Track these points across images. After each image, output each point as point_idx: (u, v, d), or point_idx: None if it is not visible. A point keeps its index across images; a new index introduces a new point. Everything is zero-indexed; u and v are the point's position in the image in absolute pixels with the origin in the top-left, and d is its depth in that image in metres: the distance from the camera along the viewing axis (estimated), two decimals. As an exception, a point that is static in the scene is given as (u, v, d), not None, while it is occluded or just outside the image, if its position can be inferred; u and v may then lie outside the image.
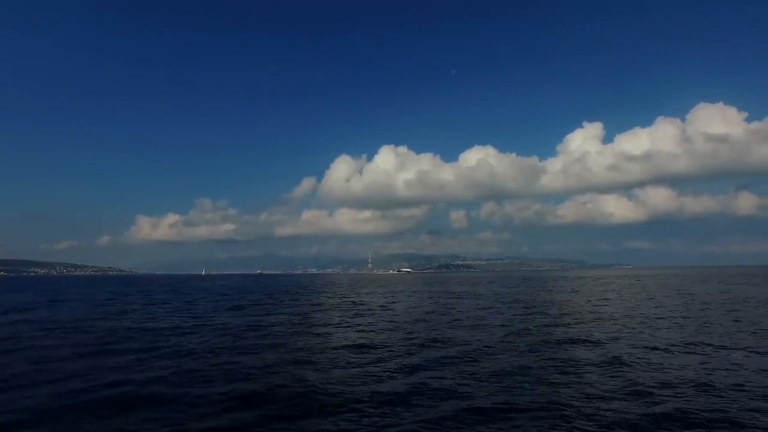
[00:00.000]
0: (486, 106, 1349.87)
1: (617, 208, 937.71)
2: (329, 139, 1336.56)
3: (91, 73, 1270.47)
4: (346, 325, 26.11)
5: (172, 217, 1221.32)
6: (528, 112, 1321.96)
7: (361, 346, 18.72)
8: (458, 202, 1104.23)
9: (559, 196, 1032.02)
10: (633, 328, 22.60)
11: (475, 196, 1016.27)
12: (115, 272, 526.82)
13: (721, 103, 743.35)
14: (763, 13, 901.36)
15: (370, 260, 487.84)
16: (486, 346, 18.18)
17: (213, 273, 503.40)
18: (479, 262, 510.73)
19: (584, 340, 19.24)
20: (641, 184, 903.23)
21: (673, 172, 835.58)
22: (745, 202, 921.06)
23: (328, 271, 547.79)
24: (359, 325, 26.03)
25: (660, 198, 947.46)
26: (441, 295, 52.58)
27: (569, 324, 24.54)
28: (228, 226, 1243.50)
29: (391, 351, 17.59)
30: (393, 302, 43.23)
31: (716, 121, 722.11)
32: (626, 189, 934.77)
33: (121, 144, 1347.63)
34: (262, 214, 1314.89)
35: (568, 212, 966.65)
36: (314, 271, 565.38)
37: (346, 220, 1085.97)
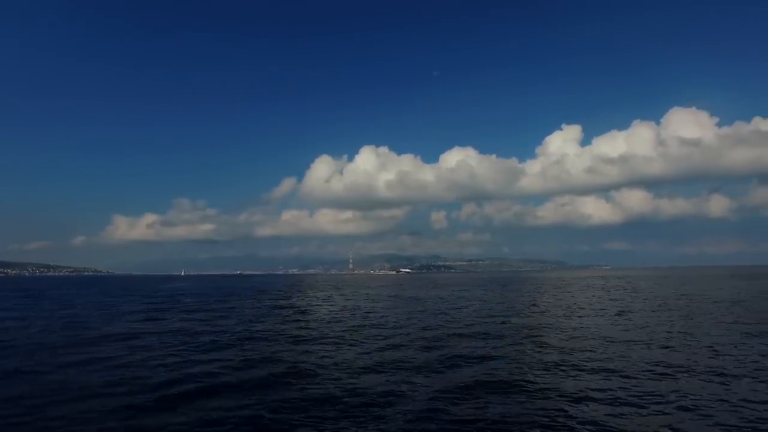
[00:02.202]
0: (467, 108, 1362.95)
1: (595, 210, 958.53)
2: (310, 139, 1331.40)
3: (65, 74, 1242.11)
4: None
5: (150, 217, 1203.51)
6: (508, 114, 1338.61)
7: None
8: (439, 202, 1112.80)
9: (538, 198, 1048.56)
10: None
11: (455, 197, 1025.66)
12: (91, 273, 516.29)
13: (694, 108, 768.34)
14: (735, 20, 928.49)
15: (351, 261, 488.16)
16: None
17: (192, 273, 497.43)
18: (460, 263, 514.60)
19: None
20: (618, 186, 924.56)
21: (648, 175, 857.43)
22: (717, 205, 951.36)
23: (310, 271, 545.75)
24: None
25: (636, 200, 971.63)
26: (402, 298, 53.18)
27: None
28: (207, 226, 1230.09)
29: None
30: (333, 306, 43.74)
31: (689, 126, 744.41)
32: (604, 191, 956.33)
33: (98, 144, 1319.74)
34: (242, 214, 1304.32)
35: (547, 213, 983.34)
36: (295, 271, 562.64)
37: (327, 221, 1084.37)
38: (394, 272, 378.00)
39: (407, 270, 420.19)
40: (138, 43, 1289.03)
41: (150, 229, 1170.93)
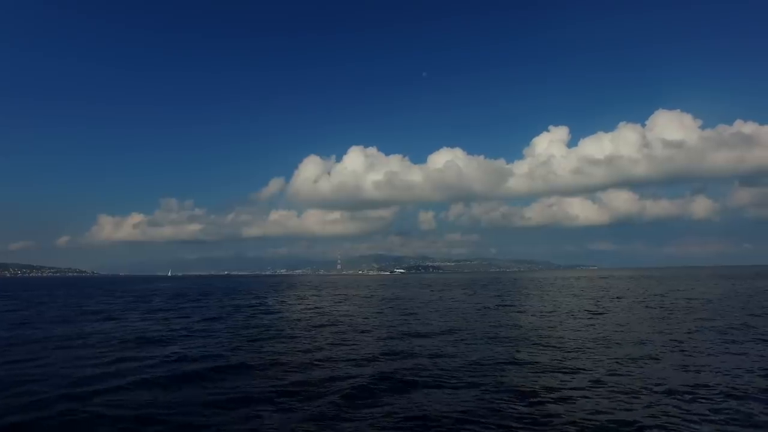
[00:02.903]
0: (455, 109, 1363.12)
1: (582, 211, 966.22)
2: (298, 139, 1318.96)
3: (49, 72, 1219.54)
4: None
5: (137, 217, 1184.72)
6: (496, 115, 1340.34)
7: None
8: (427, 203, 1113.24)
9: (525, 199, 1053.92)
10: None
11: (443, 197, 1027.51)
12: (75, 273, 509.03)
13: (678, 110, 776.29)
14: (719, 24, 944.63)
15: (339, 261, 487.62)
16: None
17: (179, 274, 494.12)
18: (448, 264, 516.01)
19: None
20: (604, 187, 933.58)
21: (634, 176, 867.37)
22: (701, 206, 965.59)
23: (298, 272, 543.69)
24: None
25: (622, 201, 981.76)
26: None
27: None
28: (195, 227, 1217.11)
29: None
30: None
31: (674, 128, 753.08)
32: (590, 192, 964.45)
33: (84, 143, 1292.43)
34: (230, 214, 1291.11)
35: (534, 214, 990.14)
36: (283, 272, 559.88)
37: (315, 221, 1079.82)
38: (387, 273, 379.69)
39: (401, 270, 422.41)
40: (125, 42, 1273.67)
41: (136, 229, 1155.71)
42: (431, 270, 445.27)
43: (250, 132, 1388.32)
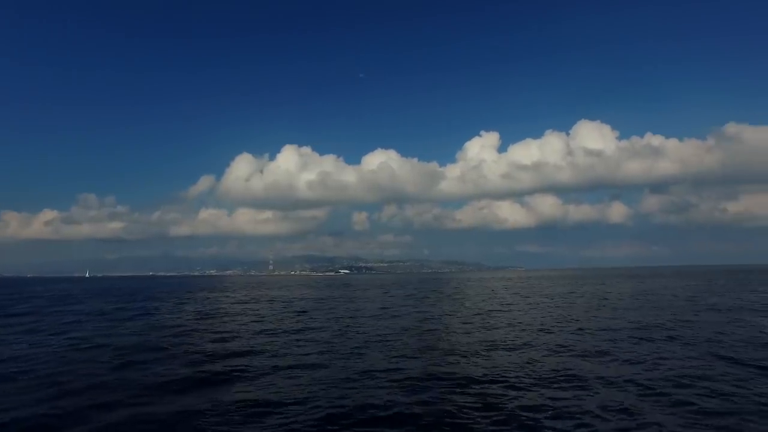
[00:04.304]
0: (391, 111, 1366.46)
1: (511, 214, 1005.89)
2: (230, 136, 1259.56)
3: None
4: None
5: (49, 214, 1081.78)
6: (431, 119, 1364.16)
7: None
8: (360, 204, 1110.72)
9: (457, 201, 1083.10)
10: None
11: (377, 198, 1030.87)
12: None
13: (599, 121, 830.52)
14: (632, 44, 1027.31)
15: (271, 261, 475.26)
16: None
17: (99, 275, 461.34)
18: (381, 264, 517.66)
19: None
20: (531, 192, 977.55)
21: (558, 182, 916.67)
22: (617, 211, 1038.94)
23: (228, 272, 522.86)
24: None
25: (547, 205, 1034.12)
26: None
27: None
28: (116, 224, 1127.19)
29: None
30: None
31: (594, 137, 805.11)
32: (518, 196, 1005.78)
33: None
34: (156, 212, 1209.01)
35: (465, 217, 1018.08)
36: (213, 272, 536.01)
37: (247, 221, 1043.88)
38: (332, 272, 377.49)
39: (345, 271, 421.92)
40: (42, 37, 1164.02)
41: (49, 226, 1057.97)
42: (364, 271, 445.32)
43: (178, 128, 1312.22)
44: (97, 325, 28.10)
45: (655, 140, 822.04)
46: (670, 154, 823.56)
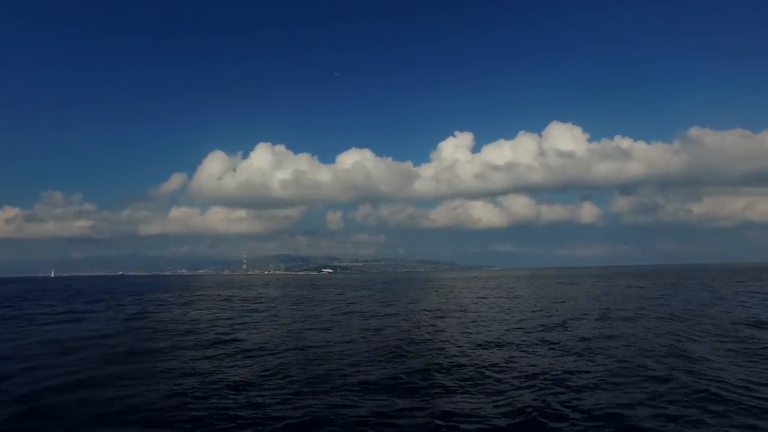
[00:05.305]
0: (366, 110, 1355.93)
1: (484, 214, 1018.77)
2: (202, 134, 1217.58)
3: None
4: None
5: (11, 211, 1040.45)
6: (405, 119, 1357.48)
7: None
8: (335, 203, 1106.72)
9: (431, 201, 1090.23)
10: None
11: (351, 198, 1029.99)
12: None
13: (570, 123, 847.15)
14: (602, 47, 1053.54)
15: (244, 261, 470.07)
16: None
17: (65, 275, 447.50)
18: (356, 264, 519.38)
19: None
20: (504, 192, 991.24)
21: (531, 182, 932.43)
22: (588, 212, 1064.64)
23: (200, 272, 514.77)
24: None
25: (520, 206, 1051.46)
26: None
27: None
28: (83, 223, 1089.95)
29: None
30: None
31: (566, 139, 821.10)
32: (492, 196, 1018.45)
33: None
34: (125, 210, 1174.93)
35: (439, 216, 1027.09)
36: (185, 272, 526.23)
37: (219, 219, 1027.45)
38: (315, 272, 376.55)
39: (329, 270, 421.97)
40: (5, 32, 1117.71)
41: (10, 224, 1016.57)
42: (339, 270, 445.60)
43: (148, 125, 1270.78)
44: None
45: (624, 142, 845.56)
46: (638, 156, 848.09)
